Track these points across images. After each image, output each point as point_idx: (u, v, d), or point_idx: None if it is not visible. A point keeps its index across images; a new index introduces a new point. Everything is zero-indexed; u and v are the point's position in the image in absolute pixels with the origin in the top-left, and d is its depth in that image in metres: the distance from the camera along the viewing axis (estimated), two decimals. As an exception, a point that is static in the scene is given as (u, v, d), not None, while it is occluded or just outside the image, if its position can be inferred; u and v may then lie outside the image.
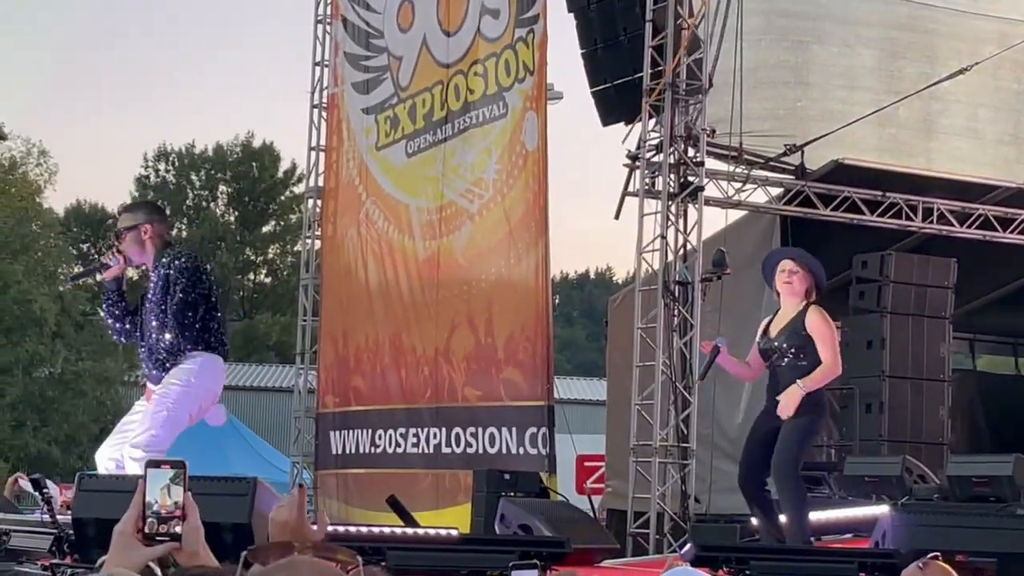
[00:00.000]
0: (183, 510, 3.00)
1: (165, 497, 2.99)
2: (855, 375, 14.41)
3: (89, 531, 6.77)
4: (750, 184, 13.71)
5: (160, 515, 2.98)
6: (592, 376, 43.98)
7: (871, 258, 14.54)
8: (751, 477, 9.08)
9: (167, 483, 3.00)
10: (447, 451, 13.28)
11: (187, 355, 8.39)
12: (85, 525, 6.81)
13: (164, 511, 2.98)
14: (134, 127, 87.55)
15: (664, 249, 12.67)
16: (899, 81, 14.63)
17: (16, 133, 42.06)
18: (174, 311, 8.33)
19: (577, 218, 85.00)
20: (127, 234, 8.56)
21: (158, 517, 2.98)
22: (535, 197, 12.89)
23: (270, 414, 38.76)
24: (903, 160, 14.65)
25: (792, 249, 10.21)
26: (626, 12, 13.10)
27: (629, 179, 13.11)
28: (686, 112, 12.79)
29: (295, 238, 53.12)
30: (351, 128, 15.37)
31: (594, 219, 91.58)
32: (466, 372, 13.27)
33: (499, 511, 9.85)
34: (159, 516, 2.98)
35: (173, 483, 3.00)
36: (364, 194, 14.98)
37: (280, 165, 56.84)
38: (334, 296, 15.52)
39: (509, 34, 13.22)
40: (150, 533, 2.98)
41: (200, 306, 8.40)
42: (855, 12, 14.68)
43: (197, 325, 8.39)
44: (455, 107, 13.78)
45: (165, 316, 8.39)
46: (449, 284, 13.61)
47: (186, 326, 8.35)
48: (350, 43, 15.52)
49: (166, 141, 64.44)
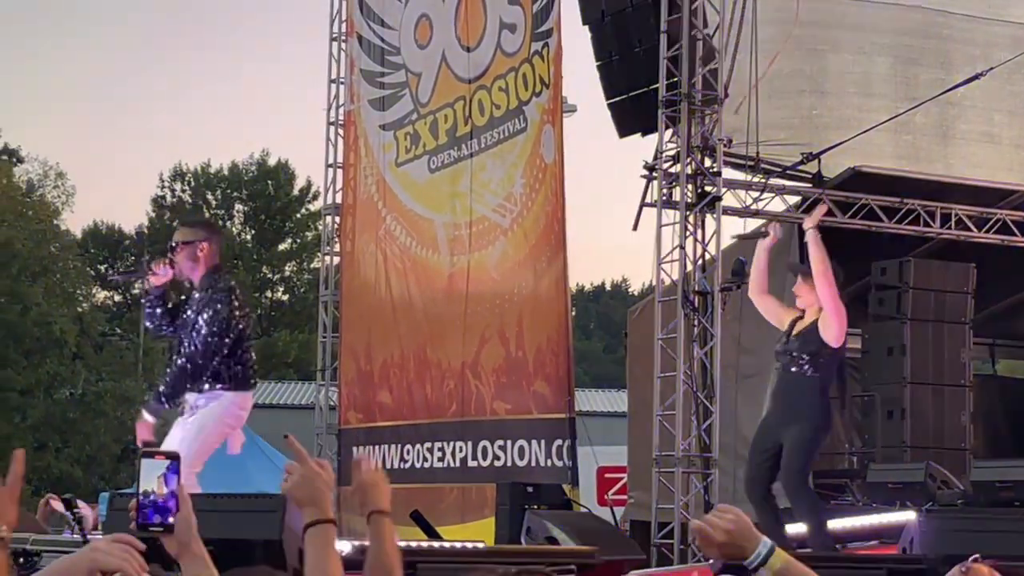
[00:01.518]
0: (176, 501, 3.02)
1: (161, 486, 3.01)
2: (876, 382, 14.41)
3: (121, 550, 6.79)
4: (767, 193, 13.71)
5: (155, 504, 3.00)
6: (610, 388, 43.97)
7: (890, 265, 14.52)
8: (757, 483, 9.16)
9: (162, 473, 3.02)
10: (473, 464, 13.31)
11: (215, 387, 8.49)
12: (116, 544, 6.84)
13: (160, 500, 3.00)
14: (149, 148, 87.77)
15: (683, 260, 12.69)
16: (914, 87, 14.64)
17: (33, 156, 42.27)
18: (206, 332, 8.42)
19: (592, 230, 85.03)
20: (184, 248, 8.66)
21: (153, 506, 3.00)
22: (553, 211, 12.95)
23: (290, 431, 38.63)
24: (920, 166, 14.64)
25: (800, 266, 10.28)
26: (641, 24, 13.13)
27: (646, 190, 13.14)
28: (702, 122, 12.81)
29: (312, 255, 53.23)
30: (368, 144, 15.42)
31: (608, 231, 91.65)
32: (495, 385, 13.30)
33: (525, 523, 9.88)
34: (153, 505, 3.00)
35: (168, 472, 3.02)
36: (384, 210, 15.02)
37: (296, 183, 56.98)
38: (354, 312, 15.56)
39: (526, 48, 13.28)
40: (144, 521, 3.00)
41: (230, 334, 8.49)
42: (869, 20, 14.70)
43: (224, 351, 8.47)
44: (480, 122, 13.82)
45: (199, 335, 8.48)
46: (479, 298, 13.62)
47: (215, 348, 8.44)
48: (366, 60, 15.58)
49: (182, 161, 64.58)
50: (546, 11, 13.13)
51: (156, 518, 3.00)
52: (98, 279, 49.41)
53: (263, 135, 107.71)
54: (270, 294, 58.24)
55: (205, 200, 57.35)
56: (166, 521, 3.01)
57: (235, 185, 57.07)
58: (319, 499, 3.35)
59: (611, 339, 59.05)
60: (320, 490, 3.35)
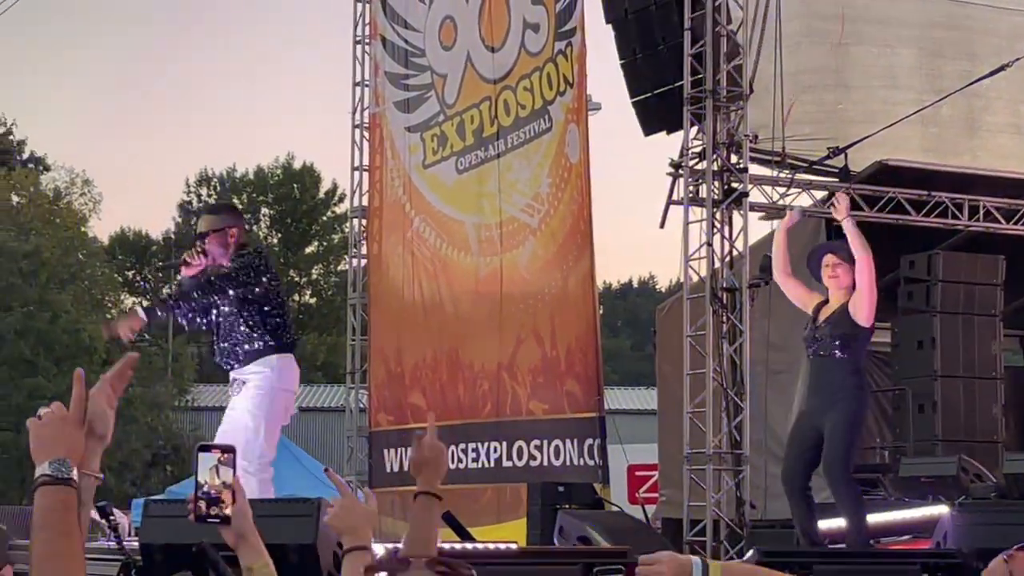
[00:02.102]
0: (232, 492, 3.04)
1: (214, 478, 3.03)
2: (907, 376, 14.36)
3: (157, 556, 6.83)
4: (794, 188, 13.68)
5: (210, 496, 3.02)
6: (639, 386, 43.94)
7: (918, 258, 14.47)
8: (796, 476, 9.09)
9: (216, 464, 3.04)
10: (508, 465, 13.30)
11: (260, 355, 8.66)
12: (153, 551, 6.88)
13: (214, 491, 3.02)
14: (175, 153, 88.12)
15: (711, 256, 12.68)
16: (940, 80, 14.59)
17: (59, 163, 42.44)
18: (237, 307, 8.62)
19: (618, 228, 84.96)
20: (214, 236, 8.75)
21: (208, 498, 3.02)
22: (579, 210, 12.94)
23: (320, 434, 38.86)
24: (947, 159, 14.60)
25: (834, 243, 10.22)
26: (664, 21, 13.12)
27: (673, 188, 13.13)
28: (728, 119, 12.80)
29: (339, 258, 53.33)
30: (395, 147, 15.43)
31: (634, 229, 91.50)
32: (531, 385, 13.29)
33: (557, 523, 9.87)
34: (209, 497, 3.02)
35: (222, 465, 3.04)
36: (412, 212, 15.02)
37: (321, 186, 57.10)
38: (382, 314, 15.57)
39: (549, 48, 13.28)
40: (200, 514, 3.03)
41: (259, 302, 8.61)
42: (893, 12, 14.66)
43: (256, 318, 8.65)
44: (506, 123, 13.82)
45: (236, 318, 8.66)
46: (513, 298, 13.61)
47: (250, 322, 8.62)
48: (390, 62, 15.59)
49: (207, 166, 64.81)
50: (569, 10, 13.12)
51: (213, 510, 3.04)
52: (126, 285, 49.60)
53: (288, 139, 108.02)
54: (297, 297, 58.34)
55: (231, 204, 57.51)
56: (222, 513, 3.04)
57: (261, 189, 57.21)
58: (359, 528, 3.42)
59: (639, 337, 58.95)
60: (359, 520, 3.42)
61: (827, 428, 8.80)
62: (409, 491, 13.29)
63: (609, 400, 14.66)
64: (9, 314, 35.95)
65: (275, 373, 8.69)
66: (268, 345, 8.69)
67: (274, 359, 8.70)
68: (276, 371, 8.69)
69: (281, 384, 8.76)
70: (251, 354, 8.70)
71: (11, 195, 39.37)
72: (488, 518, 12.81)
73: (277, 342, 8.74)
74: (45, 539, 2.66)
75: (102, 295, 40.00)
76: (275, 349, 8.73)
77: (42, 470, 2.72)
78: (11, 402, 35.57)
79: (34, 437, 2.76)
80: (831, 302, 9.20)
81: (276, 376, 8.69)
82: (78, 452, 2.77)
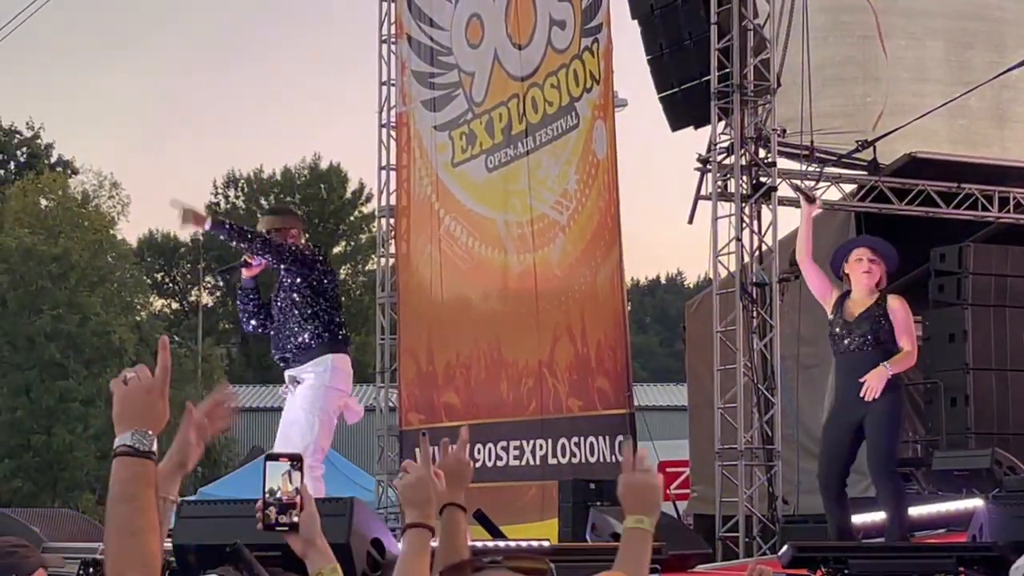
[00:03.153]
0: (301, 499, 3.08)
1: (286, 484, 3.07)
2: (939, 369, 14.29)
3: (191, 558, 6.84)
4: (823, 182, 13.65)
5: (281, 503, 3.06)
6: (668, 382, 43.89)
7: (949, 250, 14.41)
8: (833, 475, 8.98)
9: (287, 471, 3.08)
10: (553, 462, 13.27)
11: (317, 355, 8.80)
12: (187, 551, 6.89)
13: (285, 498, 3.06)
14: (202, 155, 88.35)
15: (740, 251, 12.65)
16: (968, 71, 14.53)
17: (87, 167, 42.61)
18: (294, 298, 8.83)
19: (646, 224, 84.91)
20: (275, 235, 8.85)
21: (278, 505, 3.06)
22: (607, 206, 12.92)
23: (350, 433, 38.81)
24: (977, 150, 14.54)
25: (869, 238, 10.14)
26: (690, 16, 13.10)
27: (701, 183, 13.10)
28: (755, 113, 12.77)
29: (366, 258, 53.38)
30: (423, 146, 15.42)
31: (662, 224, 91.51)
32: (568, 382, 13.28)
33: (590, 520, 9.84)
34: (279, 504, 3.06)
35: (293, 471, 3.08)
36: (442, 211, 15.00)
37: (348, 186, 57.19)
38: (412, 313, 15.57)
39: (576, 44, 13.26)
40: (269, 522, 3.06)
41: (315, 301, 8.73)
42: (920, 4, 14.61)
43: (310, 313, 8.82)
44: (534, 120, 13.80)
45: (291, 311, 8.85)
46: (548, 296, 13.60)
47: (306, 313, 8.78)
48: (416, 61, 15.58)
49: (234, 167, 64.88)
50: (595, 6, 13.10)
51: (283, 518, 3.07)
52: (155, 287, 49.75)
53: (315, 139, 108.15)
54: (326, 297, 58.40)
55: (259, 205, 57.60)
56: (291, 520, 3.07)
57: (288, 190, 57.32)
58: (425, 504, 3.39)
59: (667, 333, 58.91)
60: (429, 496, 3.41)
61: (869, 424, 8.69)
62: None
63: (639, 397, 14.65)
64: (39, 317, 36.10)
65: (329, 372, 8.82)
66: (322, 342, 8.80)
67: (329, 359, 8.85)
68: (330, 371, 8.83)
69: (334, 383, 8.87)
70: (304, 350, 8.83)
71: (40, 198, 39.52)
72: (532, 515, 12.80)
73: (332, 339, 8.87)
74: (122, 513, 2.66)
75: (131, 297, 40.12)
76: (330, 348, 8.86)
77: (123, 440, 2.72)
78: (42, 405, 35.72)
79: (118, 402, 2.74)
80: (857, 297, 9.02)
81: (330, 376, 8.82)
82: (160, 424, 2.76)
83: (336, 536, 6.26)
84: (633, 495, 3.53)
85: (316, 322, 8.83)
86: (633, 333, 13.21)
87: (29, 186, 40.02)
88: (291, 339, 8.88)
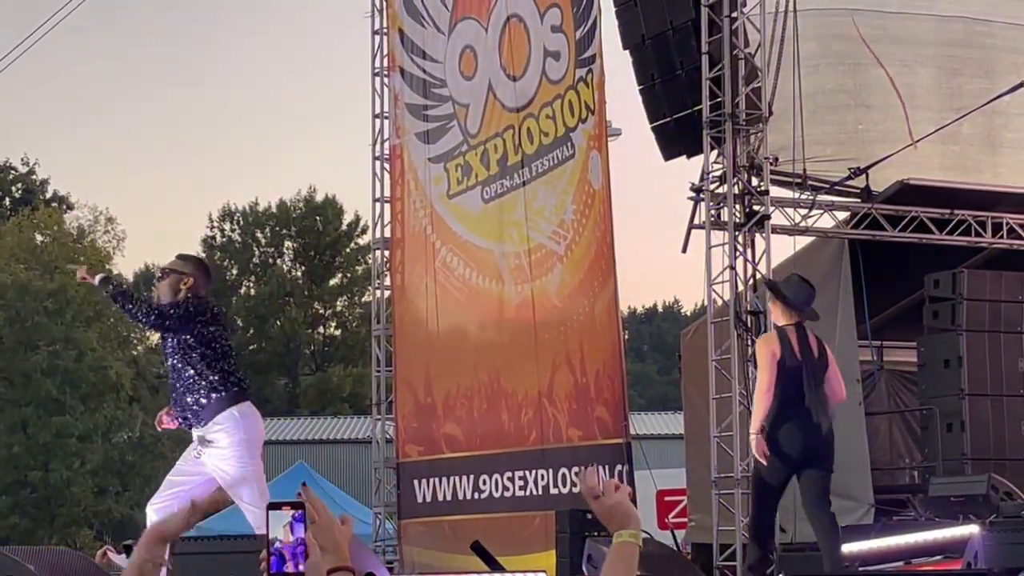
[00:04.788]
0: (305, 547, 3.09)
1: (288, 535, 3.08)
2: (934, 395, 14.29)
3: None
4: (816, 210, 13.67)
5: (284, 552, 3.07)
6: (666, 410, 43.85)
7: (943, 276, 14.43)
8: None
9: (289, 521, 3.09)
10: (554, 492, 13.25)
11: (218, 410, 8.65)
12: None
13: (288, 548, 3.07)
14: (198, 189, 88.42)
15: (734, 280, 12.66)
16: (959, 98, 14.58)
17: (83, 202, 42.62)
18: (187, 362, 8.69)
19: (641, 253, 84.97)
20: (169, 276, 8.80)
21: (280, 555, 3.07)
22: (602, 236, 12.94)
23: (347, 466, 38.88)
24: (969, 176, 14.57)
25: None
26: (682, 46, 13.13)
27: (694, 212, 13.11)
28: (747, 142, 12.80)
29: (363, 289, 53.43)
30: (417, 178, 15.44)
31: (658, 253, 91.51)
32: (568, 412, 13.27)
33: (586, 551, 9.84)
34: (283, 553, 3.07)
35: (296, 521, 3.10)
36: (438, 242, 15.01)
37: (344, 218, 57.24)
38: (408, 345, 15.56)
39: (570, 75, 13.29)
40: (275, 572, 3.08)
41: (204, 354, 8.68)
42: (911, 32, 14.65)
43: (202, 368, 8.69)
44: (530, 151, 13.82)
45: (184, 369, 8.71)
46: (547, 326, 13.59)
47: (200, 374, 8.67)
48: (409, 93, 15.62)
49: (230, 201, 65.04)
50: (589, 37, 13.15)
51: (288, 566, 3.08)
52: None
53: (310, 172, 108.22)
54: (323, 330, 58.45)
55: (254, 238, 57.68)
56: (296, 568, 3.08)
57: (284, 222, 57.37)
58: (341, 547, 3.38)
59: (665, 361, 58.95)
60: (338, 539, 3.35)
61: None
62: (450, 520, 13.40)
63: (637, 425, 14.61)
64: (35, 353, 36.11)
65: (238, 425, 8.68)
66: (221, 396, 8.65)
67: (232, 412, 8.69)
68: (238, 423, 8.69)
69: (248, 434, 8.73)
70: (205, 408, 8.67)
71: (35, 234, 39.58)
72: (537, 545, 12.78)
73: (227, 392, 8.70)
74: None
75: (127, 332, 40.13)
76: (230, 401, 8.70)
77: None
78: (39, 441, 35.70)
79: None
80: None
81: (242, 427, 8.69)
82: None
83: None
84: (607, 517, 3.51)
85: (210, 376, 8.68)
86: (630, 361, 13.22)
87: (24, 222, 40.10)
88: (186, 396, 8.73)
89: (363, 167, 16.52)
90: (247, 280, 57.27)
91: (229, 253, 57.07)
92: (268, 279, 56.33)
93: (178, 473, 8.88)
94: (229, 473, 8.64)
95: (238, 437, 8.65)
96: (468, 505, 14.30)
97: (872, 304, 14.58)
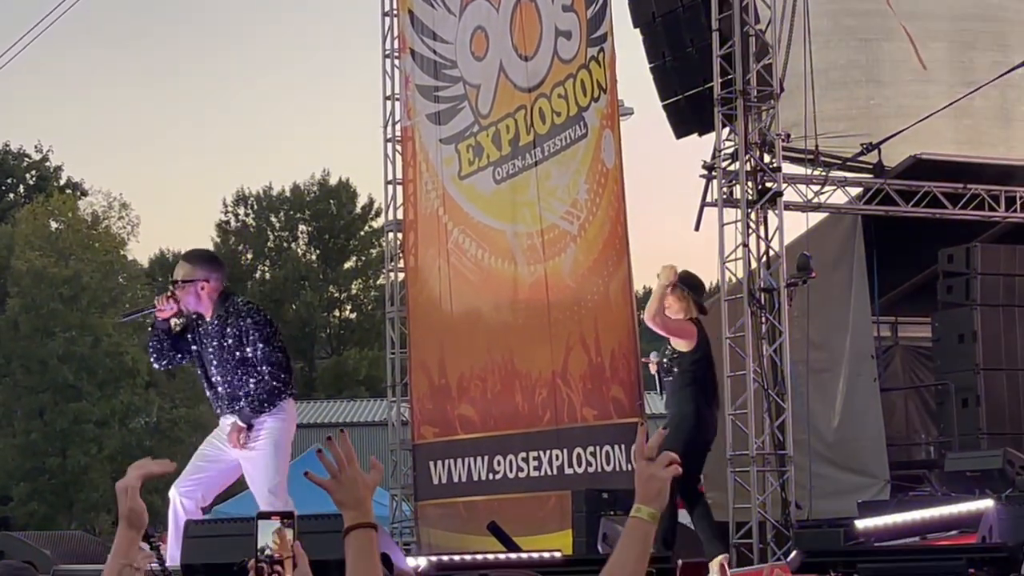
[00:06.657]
0: (293, 556, 3.08)
1: (276, 543, 3.08)
2: (949, 370, 14.28)
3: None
4: (829, 186, 13.64)
5: (272, 560, 3.06)
6: (682, 389, 43.74)
7: (956, 251, 14.40)
8: None
9: (278, 528, 3.08)
10: (569, 472, 13.25)
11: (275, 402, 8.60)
12: (195, 572, 6.89)
13: (276, 556, 3.06)
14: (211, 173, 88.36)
15: (747, 257, 12.64)
16: (972, 72, 14.53)
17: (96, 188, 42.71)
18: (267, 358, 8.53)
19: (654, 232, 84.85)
20: (184, 286, 8.69)
21: (268, 562, 3.06)
22: (616, 215, 12.91)
23: (364, 449, 38.72)
24: (982, 150, 14.52)
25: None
26: (692, 23, 13.10)
27: (706, 189, 13.09)
28: (759, 119, 12.76)
29: (377, 272, 53.43)
30: (429, 159, 15.41)
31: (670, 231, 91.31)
32: (582, 392, 13.25)
33: (600, 530, 9.85)
34: (271, 561, 3.06)
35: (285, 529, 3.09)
36: (450, 223, 14.98)
37: (358, 201, 57.29)
38: (422, 327, 15.55)
39: (582, 54, 13.25)
40: None
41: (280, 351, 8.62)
42: (923, 6, 14.59)
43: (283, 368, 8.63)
44: (542, 130, 13.79)
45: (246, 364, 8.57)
46: (560, 306, 13.57)
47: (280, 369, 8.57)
48: (420, 75, 15.58)
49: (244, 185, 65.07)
50: (600, 16, 13.10)
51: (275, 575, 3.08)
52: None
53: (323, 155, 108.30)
54: (338, 313, 58.50)
55: (268, 223, 57.73)
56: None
57: (298, 206, 57.43)
58: (364, 501, 3.27)
59: (680, 340, 58.81)
60: (361, 495, 3.26)
61: None
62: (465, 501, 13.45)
63: (651, 405, 14.60)
64: (51, 339, 36.20)
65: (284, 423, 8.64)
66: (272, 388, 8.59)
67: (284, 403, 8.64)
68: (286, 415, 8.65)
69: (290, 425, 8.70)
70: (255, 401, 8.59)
71: (50, 221, 39.65)
72: (552, 525, 12.78)
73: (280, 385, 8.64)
74: None
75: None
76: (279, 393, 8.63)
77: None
78: (56, 427, 35.82)
79: None
80: None
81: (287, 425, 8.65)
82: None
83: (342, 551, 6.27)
84: (643, 484, 3.40)
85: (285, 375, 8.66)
86: (645, 341, 13.15)
87: (39, 209, 40.16)
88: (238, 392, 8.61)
89: (376, 150, 16.47)
90: (262, 264, 57.32)
91: (244, 238, 57.15)
92: (283, 263, 56.39)
93: (203, 458, 8.82)
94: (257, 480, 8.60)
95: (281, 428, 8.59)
96: (483, 486, 14.30)
97: (886, 280, 14.56)
